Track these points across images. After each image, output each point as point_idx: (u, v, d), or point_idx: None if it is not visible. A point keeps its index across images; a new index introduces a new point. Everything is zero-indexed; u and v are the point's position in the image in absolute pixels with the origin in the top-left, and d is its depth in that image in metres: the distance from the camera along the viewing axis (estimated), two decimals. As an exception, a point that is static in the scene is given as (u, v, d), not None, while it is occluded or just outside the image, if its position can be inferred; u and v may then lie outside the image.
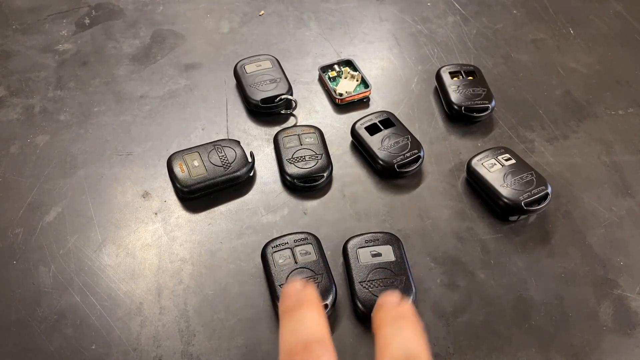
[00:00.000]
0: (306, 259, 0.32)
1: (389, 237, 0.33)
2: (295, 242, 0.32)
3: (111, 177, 0.39)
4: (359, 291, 0.31)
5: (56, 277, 0.33)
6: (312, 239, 0.33)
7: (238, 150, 0.38)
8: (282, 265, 0.31)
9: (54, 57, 0.48)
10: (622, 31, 0.53)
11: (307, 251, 0.32)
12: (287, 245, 0.32)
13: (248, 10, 0.54)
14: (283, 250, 0.32)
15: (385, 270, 0.31)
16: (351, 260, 0.32)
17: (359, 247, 0.33)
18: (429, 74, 0.47)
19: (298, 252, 0.32)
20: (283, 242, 0.33)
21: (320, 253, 0.32)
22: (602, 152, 0.42)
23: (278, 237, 0.33)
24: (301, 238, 0.33)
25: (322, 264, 0.32)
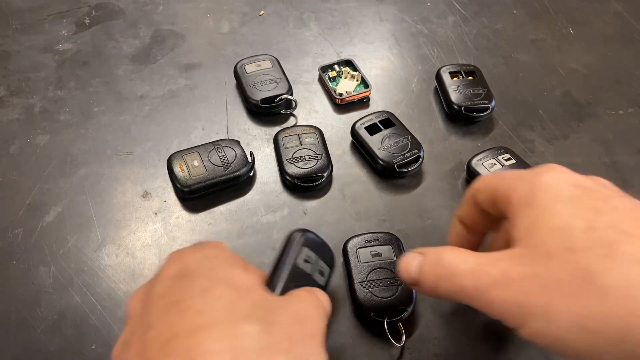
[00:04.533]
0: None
1: (389, 237, 0.33)
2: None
3: (111, 177, 0.39)
4: (359, 291, 0.31)
5: (56, 277, 0.33)
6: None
7: (238, 150, 0.38)
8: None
9: (54, 57, 0.48)
10: (622, 31, 0.53)
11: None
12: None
13: (248, 10, 0.54)
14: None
15: (386, 270, 0.31)
16: (351, 260, 0.32)
17: (359, 247, 0.32)
18: (429, 74, 0.47)
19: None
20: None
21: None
22: (602, 152, 0.42)
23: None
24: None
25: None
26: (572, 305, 0.17)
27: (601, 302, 0.16)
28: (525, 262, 0.19)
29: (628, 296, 0.16)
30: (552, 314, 0.17)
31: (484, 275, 0.19)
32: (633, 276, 0.16)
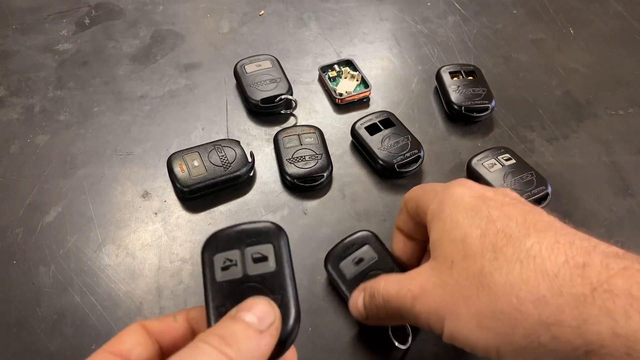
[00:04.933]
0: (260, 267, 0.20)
1: (364, 236, 0.31)
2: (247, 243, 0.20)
3: (111, 177, 0.39)
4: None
5: (56, 277, 0.33)
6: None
7: (238, 150, 0.38)
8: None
9: (53, 57, 0.48)
10: (622, 31, 0.52)
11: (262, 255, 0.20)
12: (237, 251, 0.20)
13: (248, 10, 0.54)
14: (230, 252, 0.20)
15: (376, 270, 0.29)
16: (338, 280, 0.29)
17: (339, 261, 0.30)
18: (429, 74, 0.47)
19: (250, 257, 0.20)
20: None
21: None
22: (602, 152, 0.42)
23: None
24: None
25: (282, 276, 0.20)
26: (470, 306, 0.19)
27: (491, 301, 0.18)
28: (436, 273, 0.20)
29: (512, 293, 0.18)
30: (457, 316, 0.19)
31: (406, 292, 0.21)
32: (515, 275, 0.18)
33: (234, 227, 0.21)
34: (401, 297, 0.21)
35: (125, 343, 0.18)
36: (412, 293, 0.21)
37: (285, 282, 0.19)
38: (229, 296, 0.18)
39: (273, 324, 0.17)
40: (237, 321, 0.17)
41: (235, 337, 0.16)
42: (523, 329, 0.17)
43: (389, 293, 0.22)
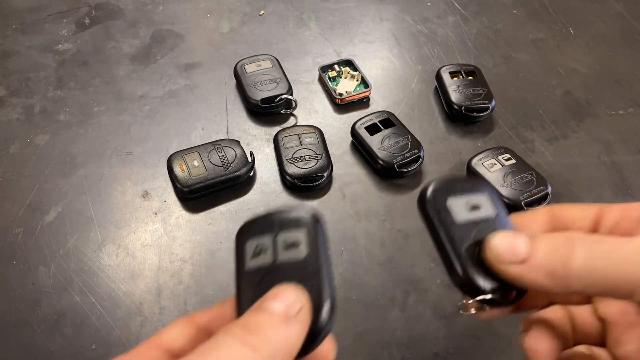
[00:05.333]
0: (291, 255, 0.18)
1: (485, 184, 0.21)
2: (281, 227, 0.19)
3: (111, 177, 0.39)
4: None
5: (56, 277, 0.33)
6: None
7: (238, 150, 0.38)
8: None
9: (53, 57, 0.48)
10: (622, 31, 0.52)
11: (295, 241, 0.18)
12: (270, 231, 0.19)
13: (248, 10, 0.54)
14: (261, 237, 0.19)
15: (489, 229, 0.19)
16: (438, 219, 0.19)
17: (448, 195, 0.20)
18: (429, 74, 0.47)
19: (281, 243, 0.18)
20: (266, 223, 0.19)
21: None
22: (603, 152, 0.42)
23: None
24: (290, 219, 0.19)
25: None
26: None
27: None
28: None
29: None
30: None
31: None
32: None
33: (270, 213, 0.19)
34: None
35: (167, 336, 0.17)
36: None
37: (318, 269, 0.17)
38: (258, 285, 0.17)
39: (301, 310, 0.15)
40: (262, 310, 0.15)
41: (259, 326, 0.15)
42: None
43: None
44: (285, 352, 0.15)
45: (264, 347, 0.14)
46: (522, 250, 0.17)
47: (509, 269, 0.17)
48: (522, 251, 0.17)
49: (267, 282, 0.17)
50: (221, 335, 0.14)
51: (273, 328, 0.15)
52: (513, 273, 0.17)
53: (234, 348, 0.14)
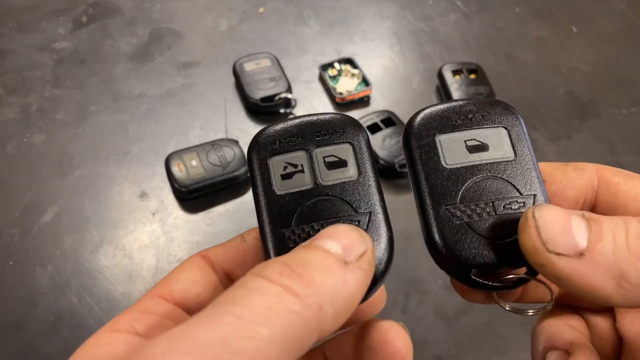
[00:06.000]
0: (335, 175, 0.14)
1: (503, 112, 0.15)
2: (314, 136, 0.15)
3: (108, 177, 0.39)
4: (445, 223, 0.14)
5: (53, 278, 0.33)
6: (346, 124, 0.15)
7: (237, 149, 0.38)
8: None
9: (50, 55, 0.48)
10: (625, 29, 0.52)
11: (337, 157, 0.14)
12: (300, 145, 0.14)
13: (247, 7, 0.53)
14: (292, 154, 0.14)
15: (499, 180, 0.14)
16: (427, 154, 0.15)
17: (441, 130, 0.15)
18: (431, 73, 0.46)
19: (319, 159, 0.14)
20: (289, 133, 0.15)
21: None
22: (606, 152, 0.41)
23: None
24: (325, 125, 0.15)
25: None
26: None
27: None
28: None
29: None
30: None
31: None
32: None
33: (294, 120, 0.15)
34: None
35: (177, 282, 0.14)
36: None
37: (373, 195, 0.14)
38: (298, 215, 0.13)
39: (364, 255, 0.12)
40: (313, 248, 0.12)
41: (307, 266, 0.11)
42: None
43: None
44: (340, 305, 0.11)
45: (312, 295, 0.10)
46: (582, 236, 0.12)
47: (559, 263, 0.12)
48: (581, 238, 0.12)
49: (311, 211, 0.13)
50: (252, 278, 0.11)
51: (327, 269, 0.11)
52: (563, 269, 0.12)
53: (270, 297, 0.10)
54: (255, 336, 0.09)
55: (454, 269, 0.14)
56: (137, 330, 0.12)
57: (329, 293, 0.11)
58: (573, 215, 0.12)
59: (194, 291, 0.14)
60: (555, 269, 0.12)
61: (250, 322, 0.10)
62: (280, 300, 0.10)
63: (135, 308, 0.13)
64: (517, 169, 0.14)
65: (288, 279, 0.10)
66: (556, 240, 0.12)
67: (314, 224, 0.13)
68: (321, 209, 0.14)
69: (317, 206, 0.14)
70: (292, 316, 0.10)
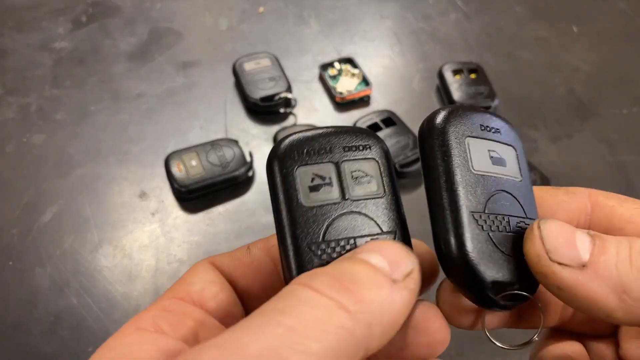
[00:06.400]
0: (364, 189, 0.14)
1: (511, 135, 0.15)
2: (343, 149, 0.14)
3: (108, 177, 0.38)
4: (471, 235, 0.13)
5: (52, 278, 0.33)
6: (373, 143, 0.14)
7: (236, 149, 0.38)
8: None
9: (50, 55, 0.48)
10: (626, 29, 0.52)
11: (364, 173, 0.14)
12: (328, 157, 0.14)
13: (247, 7, 0.53)
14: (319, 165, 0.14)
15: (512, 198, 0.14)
16: (455, 156, 0.14)
17: (471, 134, 0.14)
18: (431, 72, 0.46)
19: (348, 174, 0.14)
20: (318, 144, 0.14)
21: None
22: (607, 152, 0.41)
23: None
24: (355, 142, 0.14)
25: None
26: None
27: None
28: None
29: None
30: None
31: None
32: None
33: (318, 130, 0.14)
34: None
35: (194, 284, 0.14)
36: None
37: (397, 215, 0.14)
38: (326, 229, 0.13)
39: (411, 275, 0.11)
40: (358, 262, 0.11)
41: (356, 281, 0.11)
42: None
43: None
44: (387, 324, 0.11)
45: (362, 312, 0.10)
46: (585, 249, 0.12)
47: (561, 273, 0.12)
48: (584, 251, 0.12)
49: (340, 227, 0.13)
50: (300, 288, 0.10)
51: (376, 288, 0.11)
52: (565, 280, 0.12)
53: (321, 310, 0.10)
54: (307, 350, 0.09)
55: (471, 282, 0.13)
56: (162, 328, 0.12)
57: (378, 311, 0.10)
58: (578, 230, 0.13)
59: (213, 291, 0.14)
60: (558, 279, 0.12)
61: (302, 335, 0.09)
62: (331, 315, 0.10)
63: (156, 307, 0.13)
64: (523, 188, 0.14)
65: (338, 293, 0.10)
66: (559, 250, 0.12)
67: (343, 240, 0.13)
68: (350, 224, 0.13)
69: (345, 221, 0.13)
70: (342, 332, 0.10)
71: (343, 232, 0.13)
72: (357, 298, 0.10)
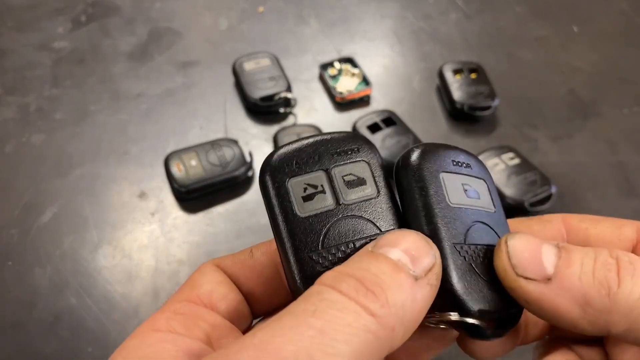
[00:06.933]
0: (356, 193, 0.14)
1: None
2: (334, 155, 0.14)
3: (107, 177, 0.38)
4: (454, 265, 0.13)
5: (52, 278, 0.33)
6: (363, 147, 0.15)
7: (236, 149, 0.38)
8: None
9: (49, 55, 0.48)
10: (626, 29, 0.52)
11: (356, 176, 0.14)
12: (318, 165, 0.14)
13: (247, 6, 0.53)
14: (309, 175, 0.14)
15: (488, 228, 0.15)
16: (431, 191, 0.14)
17: (444, 169, 0.15)
18: (431, 72, 0.46)
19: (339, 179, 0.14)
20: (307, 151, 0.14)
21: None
22: (607, 152, 0.41)
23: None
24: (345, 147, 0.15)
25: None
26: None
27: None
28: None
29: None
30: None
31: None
32: None
33: (306, 140, 0.14)
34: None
35: (202, 285, 0.14)
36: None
37: (394, 213, 0.14)
38: (323, 237, 0.13)
39: (432, 269, 0.12)
40: (379, 259, 0.11)
41: (380, 283, 0.11)
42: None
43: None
44: (408, 323, 0.11)
45: (387, 316, 0.10)
46: (550, 263, 0.12)
47: (527, 286, 0.12)
48: (549, 264, 0.12)
49: (338, 232, 0.13)
50: (327, 291, 0.11)
51: (399, 289, 0.11)
52: (531, 293, 0.12)
53: (349, 314, 0.10)
54: (337, 352, 0.10)
55: (458, 310, 0.13)
56: (177, 330, 0.13)
57: (400, 313, 0.11)
58: (545, 243, 0.13)
59: (221, 292, 0.14)
60: (524, 293, 0.12)
61: (332, 338, 0.10)
62: (359, 319, 0.10)
63: (167, 310, 0.13)
64: (497, 218, 0.15)
65: (365, 297, 0.11)
66: (525, 265, 0.12)
67: (342, 246, 0.13)
68: (347, 229, 0.13)
69: (342, 226, 0.13)
70: (369, 336, 0.10)
71: (342, 237, 0.13)
72: (382, 302, 0.11)
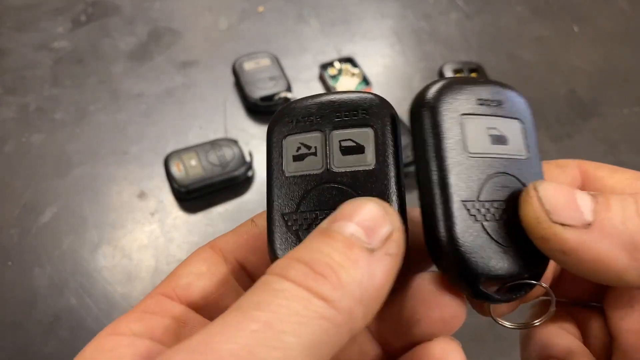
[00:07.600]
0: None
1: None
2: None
3: (107, 176, 0.38)
4: (460, 225, 0.12)
5: (52, 278, 0.33)
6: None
7: (236, 149, 0.38)
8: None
9: (49, 54, 0.48)
10: (626, 29, 0.52)
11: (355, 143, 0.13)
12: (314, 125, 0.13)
13: (247, 6, 0.53)
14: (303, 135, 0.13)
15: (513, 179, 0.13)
16: (447, 140, 0.13)
17: (464, 112, 0.13)
18: (431, 72, 0.46)
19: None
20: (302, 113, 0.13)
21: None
22: (608, 152, 0.41)
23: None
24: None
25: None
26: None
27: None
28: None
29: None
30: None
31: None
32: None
33: (319, 97, 0.13)
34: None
35: (181, 277, 0.13)
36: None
37: (388, 188, 0.13)
38: (302, 200, 0.12)
39: (390, 237, 0.10)
40: (332, 237, 0.10)
41: (331, 263, 0.10)
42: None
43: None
44: (368, 301, 0.10)
45: (341, 298, 0.09)
46: (587, 208, 0.11)
47: (564, 234, 0.11)
48: (587, 210, 0.11)
49: (317, 199, 0.12)
50: (275, 279, 0.10)
51: (353, 266, 0.10)
52: (569, 241, 0.11)
53: (298, 302, 0.09)
54: (284, 346, 0.09)
55: (462, 276, 0.12)
56: (139, 332, 0.12)
57: (357, 292, 0.10)
58: (577, 190, 0.12)
59: (200, 285, 0.13)
60: (561, 242, 0.11)
61: (278, 330, 0.09)
62: (309, 306, 0.09)
63: (138, 309, 0.13)
64: (527, 165, 0.13)
65: (314, 282, 0.10)
66: (560, 210, 0.11)
67: (318, 212, 0.12)
68: (327, 197, 0.12)
69: (323, 194, 0.12)
70: (322, 323, 0.09)
71: (318, 204, 0.12)
72: (334, 284, 0.10)
